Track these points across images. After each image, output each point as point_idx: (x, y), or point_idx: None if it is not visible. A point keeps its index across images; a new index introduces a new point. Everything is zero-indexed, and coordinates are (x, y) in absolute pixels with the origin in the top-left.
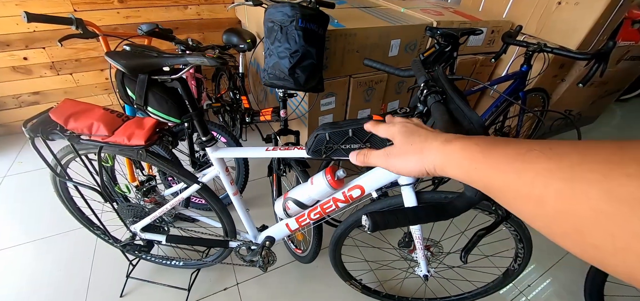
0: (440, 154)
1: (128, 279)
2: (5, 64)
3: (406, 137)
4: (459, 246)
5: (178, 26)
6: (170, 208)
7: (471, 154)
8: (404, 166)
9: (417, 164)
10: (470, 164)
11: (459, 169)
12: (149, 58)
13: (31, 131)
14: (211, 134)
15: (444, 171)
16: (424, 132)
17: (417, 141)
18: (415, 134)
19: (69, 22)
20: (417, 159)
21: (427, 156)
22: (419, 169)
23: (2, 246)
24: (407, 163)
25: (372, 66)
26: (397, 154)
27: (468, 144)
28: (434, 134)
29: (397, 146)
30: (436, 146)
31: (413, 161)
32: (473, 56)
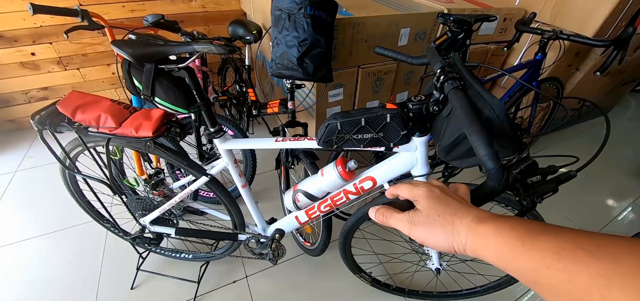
0: (472, 235)
1: (138, 272)
2: (13, 59)
3: (433, 205)
4: None
5: (183, 19)
6: (178, 200)
7: (508, 241)
8: (430, 238)
9: (445, 240)
10: (508, 252)
11: (494, 255)
12: (156, 46)
13: (39, 124)
14: (219, 125)
15: (476, 253)
16: (453, 203)
17: (445, 213)
18: (443, 204)
19: (74, 13)
20: (445, 235)
21: (457, 233)
22: (446, 246)
23: (15, 240)
24: (434, 236)
25: (383, 54)
26: (422, 223)
27: (503, 227)
28: (465, 208)
29: (422, 213)
30: (467, 224)
31: (441, 236)
32: (485, 45)
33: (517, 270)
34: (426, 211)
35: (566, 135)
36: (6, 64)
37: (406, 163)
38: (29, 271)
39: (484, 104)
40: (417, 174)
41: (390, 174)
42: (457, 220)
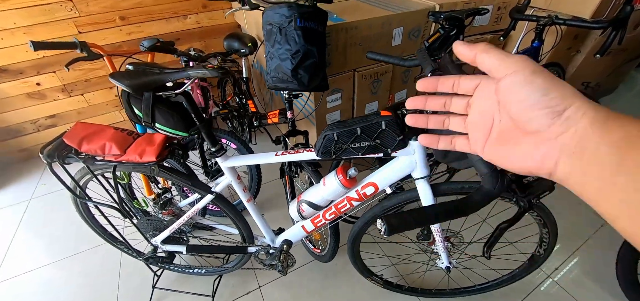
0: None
1: (154, 289)
2: (20, 91)
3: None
4: (481, 235)
5: (180, 37)
6: (187, 219)
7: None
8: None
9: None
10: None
11: None
12: (152, 75)
13: (48, 157)
14: (220, 144)
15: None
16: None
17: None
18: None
19: (73, 46)
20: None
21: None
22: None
23: (33, 267)
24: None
25: (375, 58)
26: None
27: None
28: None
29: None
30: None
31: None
32: (480, 36)
33: None
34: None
35: None
36: (14, 96)
37: (406, 167)
38: (51, 297)
39: None
40: (419, 176)
41: (391, 179)
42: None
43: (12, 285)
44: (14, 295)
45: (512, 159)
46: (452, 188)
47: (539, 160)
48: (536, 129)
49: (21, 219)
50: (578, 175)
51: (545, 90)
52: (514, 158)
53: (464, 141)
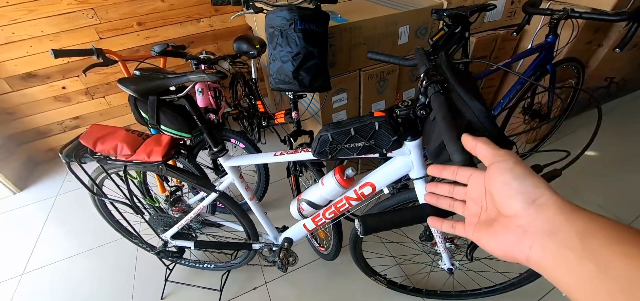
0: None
1: (166, 282)
2: (47, 95)
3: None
4: None
5: (193, 40)
6: (193, 215)
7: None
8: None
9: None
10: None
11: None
12: (156, 80)
13: (67, 156)
14: (222, 144)
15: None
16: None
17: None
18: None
19: (90, 52)
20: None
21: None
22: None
23: (59, 258)
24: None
25: (375, 58)
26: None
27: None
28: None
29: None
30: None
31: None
32: (493, 31)
33: None
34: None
35: (593, 117)
36: (42, 99)
37: (402, 167)
38: (74, 286)
39: (465, 108)
40: (415, 176)
41: (389, 179)
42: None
43: (40, 274)
44: (41, 284)
45: (493, 244)
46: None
47: (516, 244)
48: (514, 213)
49: (49, 214)
50: (550, 258)
51: (522, 178)
52: (495, 243)
53: (462, 226)
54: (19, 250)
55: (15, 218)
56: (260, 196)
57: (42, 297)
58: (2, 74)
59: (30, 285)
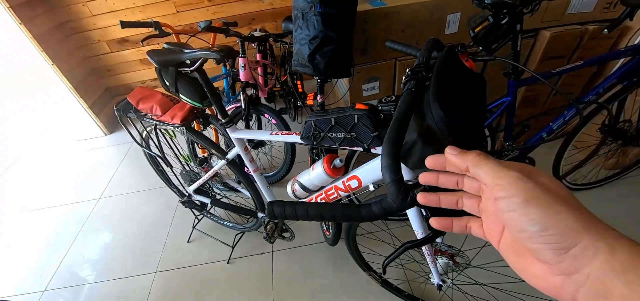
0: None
1: (193, 229)
2: (135, 58)
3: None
4: (483, 256)
5: (255, 17)
6: (210, 176)
7: None
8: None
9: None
10: None
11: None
12: (173, 54)
13: (118, 111)
14: (229, 117)
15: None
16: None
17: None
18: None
19: (149, 25)
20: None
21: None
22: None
23: (126, 191)
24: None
25: (394, 48)
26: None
27: None
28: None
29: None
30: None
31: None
32: (580, 26)
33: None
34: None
35: None
36: (131, 61)
37: None
38: (132, 214)
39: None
40: None
41: (373, 176)
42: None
43: (111, 201)
44: (112, 206)
45: (529, 276)
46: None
47: (558, 287)
48: (545, 260)
49: (124, 156)
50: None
51: (543, 225)
52: (531, 276)
53: (479, 227)
54: (100, 179)
55: (101, 153)
56: (284, 172)
57: (111, 217)
58: (105, 37)
59: (103, 207)
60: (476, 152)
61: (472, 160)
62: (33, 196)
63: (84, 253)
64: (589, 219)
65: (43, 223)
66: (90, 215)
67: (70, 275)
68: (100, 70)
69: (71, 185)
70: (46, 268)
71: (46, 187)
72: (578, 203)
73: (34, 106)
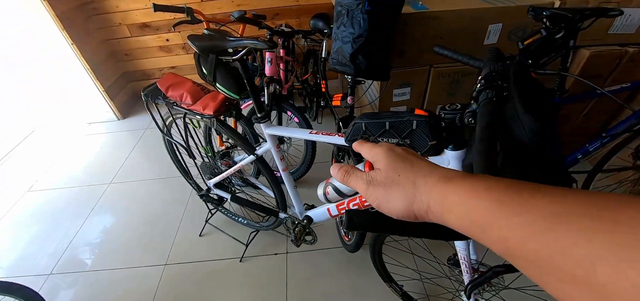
0: (438, 195)
1: (206, 223)
2: (155, 44)
3: (393, 163)
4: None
5: (278, 12)
6: (233, 171)
7: (483, 203)
8: (386, 199)
9: (403, 200)
10: (483, 216)
11: (465, 221)
12: (216, 40)
13: (146, 96)
14: (266, 111)
15: (442, 219)
16: (417, 161)
17: (406, 171)
18: (405, 162)
19: (182, 10)
20: (404, 195)
21: (418, 192)
22: (405, 209)
23: (137, 179)
24: (391, 196)
25: (442, 53)
26: (380, 183)
27: (477, 186)
28: (430, 166)
29: (381, 173)
30: (432, 182)
31: (398, 197)
32: (619, 47)
33: (494, 239)
34: (385, 170)
35: None
36: (151, 47)
37: None
38: (143, 202)
39: (516, 123)
40: None
41: None
42: (420, 179)
43: (122, 187)
44: (121, 192)
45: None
46: None
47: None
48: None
49: (137, 142)
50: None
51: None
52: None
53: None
54: (112, 164)
55: (115, 138)
56: (304, 170)
57: (120, 204)
58: (126, 21)
59: (113, 192)
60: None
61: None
62: (42, 176)
63: (91, 239)
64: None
65: (51, 204)
66: (100, 200)
67: (77, 261)
68: (119, 54)
69: (81, 167)
70: (52, 252)
71: (56, 167)
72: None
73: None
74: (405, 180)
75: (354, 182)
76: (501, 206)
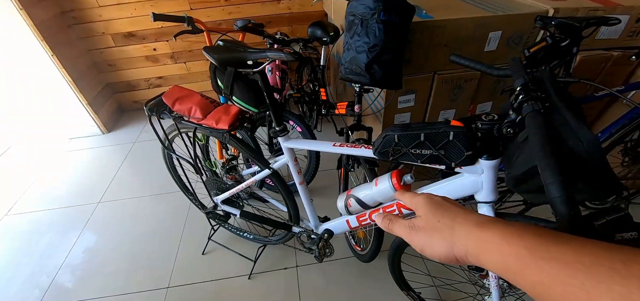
0: (474, 240)
1: (209, 241)
2: (141, 53)
3: (432, 211)
4: None
5: (271, 20)
6: (245, 186)
7: (515, 250)
8: (428, 244)
9: (444, 246)
10: (516, 262)
11: (500, 265)
12: (237, 52)
13: (149, 110)
14: (284, 124)
15: (478, 261)
16: (453, 208)
17: (444, 217)
18: (442, 209)
19: (182, 20)
20: (444, 240)
21: (457, 238)
22: (446, 253)
23: (127, 197)
24: (433, 241)
25: (459, 62)
26: (421, 228)
27: (509, 234)
28: (465, 212)
29: (422, 219)
30: (468, 229)
31: (440, 242)
32: (605, 51)
33: (525, 283)
34: (425, 217)
35: None
36: (136, 57)
37: (469, 186)
38: (136, 222)
39: (570, 135)
40: (482, 200)
41: (450, 195)
42: (457, 225)
43: (112, 206)
44: (112, 211)
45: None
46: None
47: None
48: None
49: (126, 157)
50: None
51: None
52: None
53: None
54: (99, 182)
55: (100, 153)
56: (308, 180)
57: (112, 224)
58: (110, 30)
59: (103, 212)
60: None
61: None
62: (21, 197)
63: (82, 264)
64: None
65: (34, 227)
66: (89, 221)
67: (66, 292)
68: (102, 64)
69: (65, 187)
70: (37, 283)
71: (36, 187)
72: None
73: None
74: (443, 226)
75: (398, 229)
76: (529, 255)
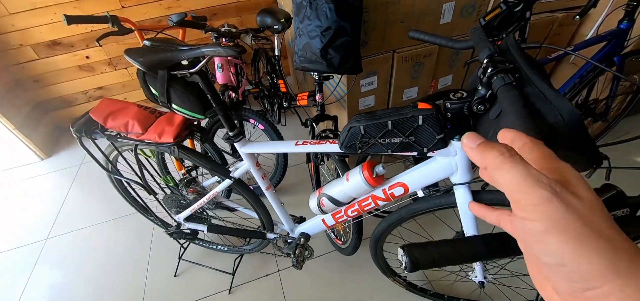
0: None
1: (180, 260)
2: (72, 63)
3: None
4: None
5: (216, 12)
6: (207, 200)
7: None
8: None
9: None
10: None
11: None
12: (166, 53)
13: (77, 132)
14: (238, 129)
15: None
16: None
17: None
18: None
19: (104, 20)
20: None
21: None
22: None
23: (80, 227)
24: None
25: (419, 38)
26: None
27: None
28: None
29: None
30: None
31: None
32: (550, 13)
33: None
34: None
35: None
36: (66, 68)
37: (444, 170)
38: (94, 254)
39: (547, 108)
40: (457, 182)
41: (425, 181)
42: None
43: (63, 240)
44: (67, 245)
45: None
46: (498, 197)
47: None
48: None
49: (72, 182)
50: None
51: (561, 260)
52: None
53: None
54: (44, 215)
55: (41, 183)
56: (277, 180)
57: (69, 258)
58: (29, 41)
59: (53, 249)
60: (501, 149)
61: (494, 161)
62: None
63: None
64: (623, 260)
65: None
66: (39, 261)
67: None
68: (25, 81)
69: (4, 227)
70: None
71: None
72: (614, 235)
73: None
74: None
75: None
76: None
